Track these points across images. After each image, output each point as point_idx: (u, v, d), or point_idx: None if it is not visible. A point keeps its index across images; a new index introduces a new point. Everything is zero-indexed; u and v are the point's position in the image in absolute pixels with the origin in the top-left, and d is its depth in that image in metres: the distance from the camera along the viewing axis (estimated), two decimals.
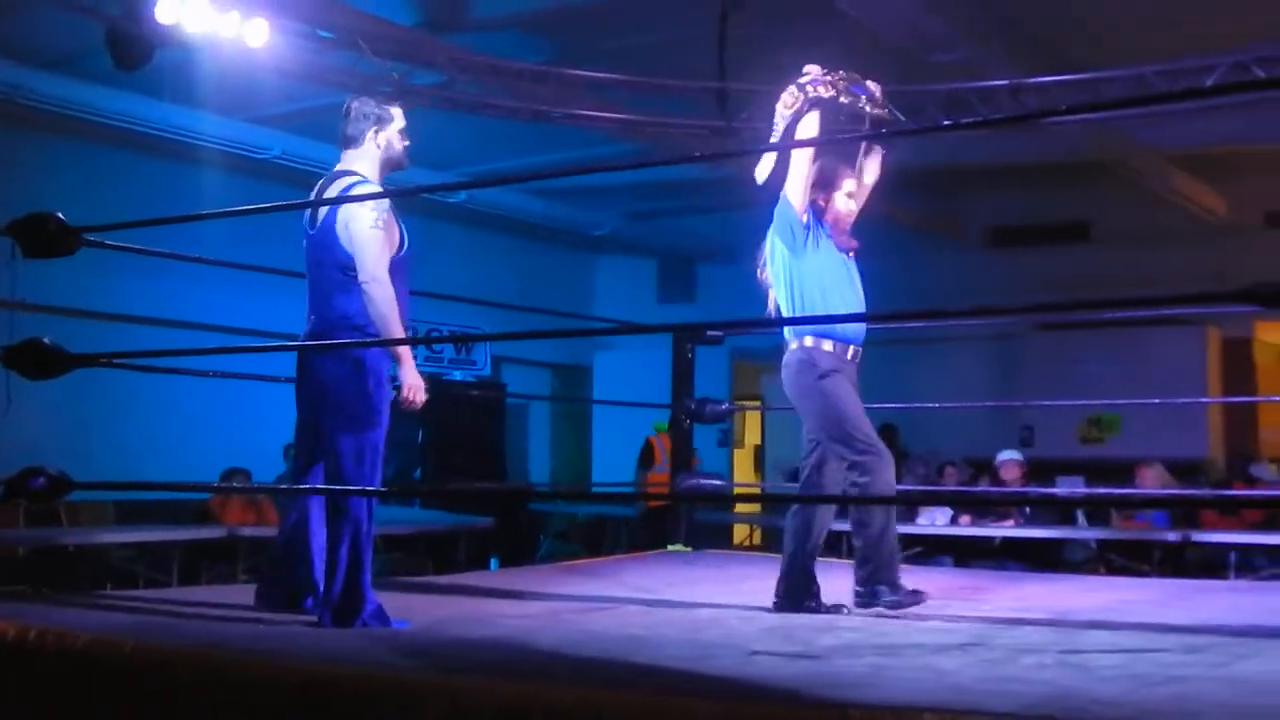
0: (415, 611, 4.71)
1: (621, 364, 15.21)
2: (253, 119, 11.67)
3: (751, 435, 17.72)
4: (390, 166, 4.67)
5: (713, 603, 5.19)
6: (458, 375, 14.96)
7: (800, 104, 5.23)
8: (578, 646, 3.93)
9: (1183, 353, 13.42)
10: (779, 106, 5.27)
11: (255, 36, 7.96)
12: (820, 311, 5.25)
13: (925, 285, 14.91)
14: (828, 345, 5.25)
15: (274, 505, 9.63)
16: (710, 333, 7.46)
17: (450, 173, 13.67)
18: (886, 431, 14.26)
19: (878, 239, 15.67)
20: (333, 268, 4.46)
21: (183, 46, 8.09)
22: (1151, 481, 9.62)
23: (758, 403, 16.54)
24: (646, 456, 13.31)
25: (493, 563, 11.49)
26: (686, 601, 5.22)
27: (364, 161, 4.59)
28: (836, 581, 5.23)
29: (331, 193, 4.51)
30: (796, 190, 5.33)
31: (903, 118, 5.11)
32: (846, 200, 5.48)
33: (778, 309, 5.45)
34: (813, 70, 5.29)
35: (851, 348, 5.35)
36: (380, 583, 6.56)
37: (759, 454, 17.55)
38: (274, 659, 3.59)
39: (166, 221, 4.26)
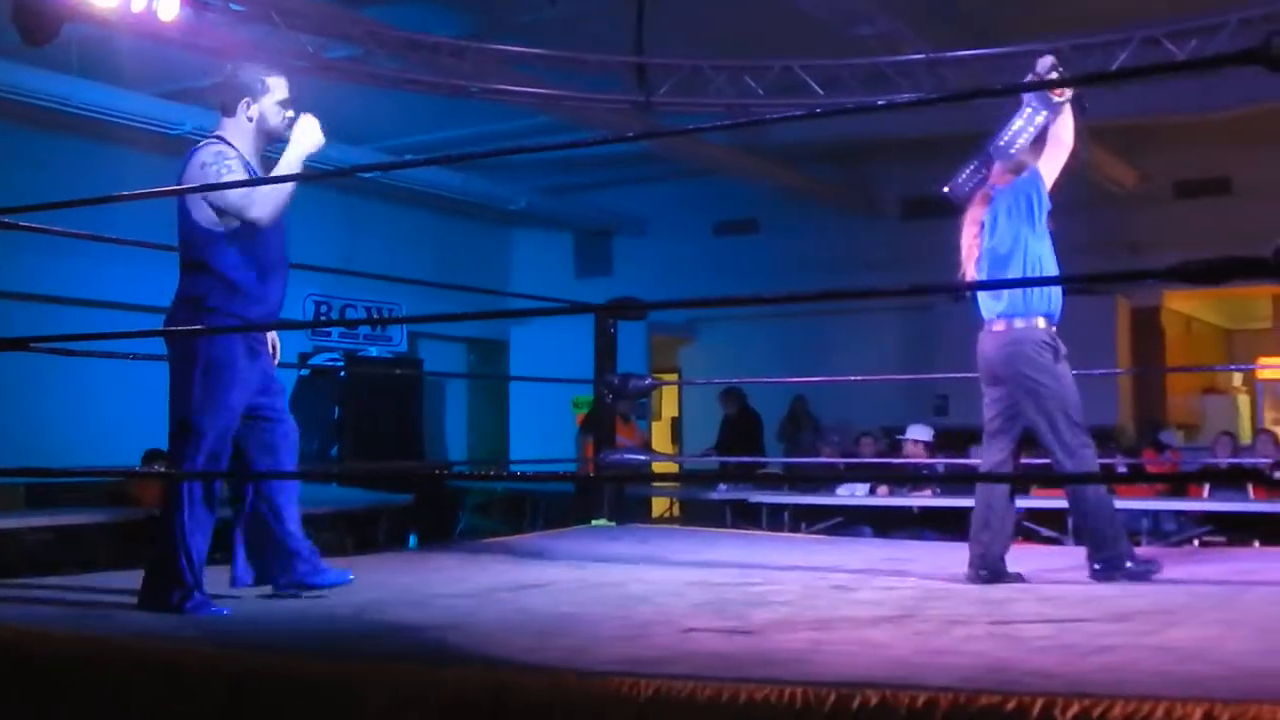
0: (345, 593, 4.68)
1: (539, 338, 15.17)
2: (164, 94, 11.47)
3: (669, 408, 17.78)
4: (266, 138, 4.58)
5: (643, 579, 5.20)
6: (373, 351, 14.87)
7: (1067, 95, 5.14)
8: (514, 627, 3.93)
9: (1093, 322, 13.64)
10: (1050, 95, 5.12)
11: (166, 10, 7.81)
12: (1051, 295, 5.16)
13: (841, 257, 15.03)
14: (1051, 328, 5.20)
15: None
16: (633, 308, 7.44)
17: (367, 147, 13.54)
18: (798, 402, 14.44)
19: (793, 212, 15.92)
20: (180, 248, 4.45)
21: (91, 20, 7.92)
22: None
23: (675, 375, 16.59)
24: (589, 424, 13.28)
25: (411, 539, 11.45)
26: (617, 578, 5.23)
27: (234, 131, 4.53)
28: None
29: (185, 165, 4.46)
30: (1054, 168, 5.25)
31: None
32: None
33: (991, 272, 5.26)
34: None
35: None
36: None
37: (676, 426, 17.62)
38: (208, 647, 3.56)
39: (79, 204, 4.16)
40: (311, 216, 13.51)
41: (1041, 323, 5.17)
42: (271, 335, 4.75)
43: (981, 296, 5.32)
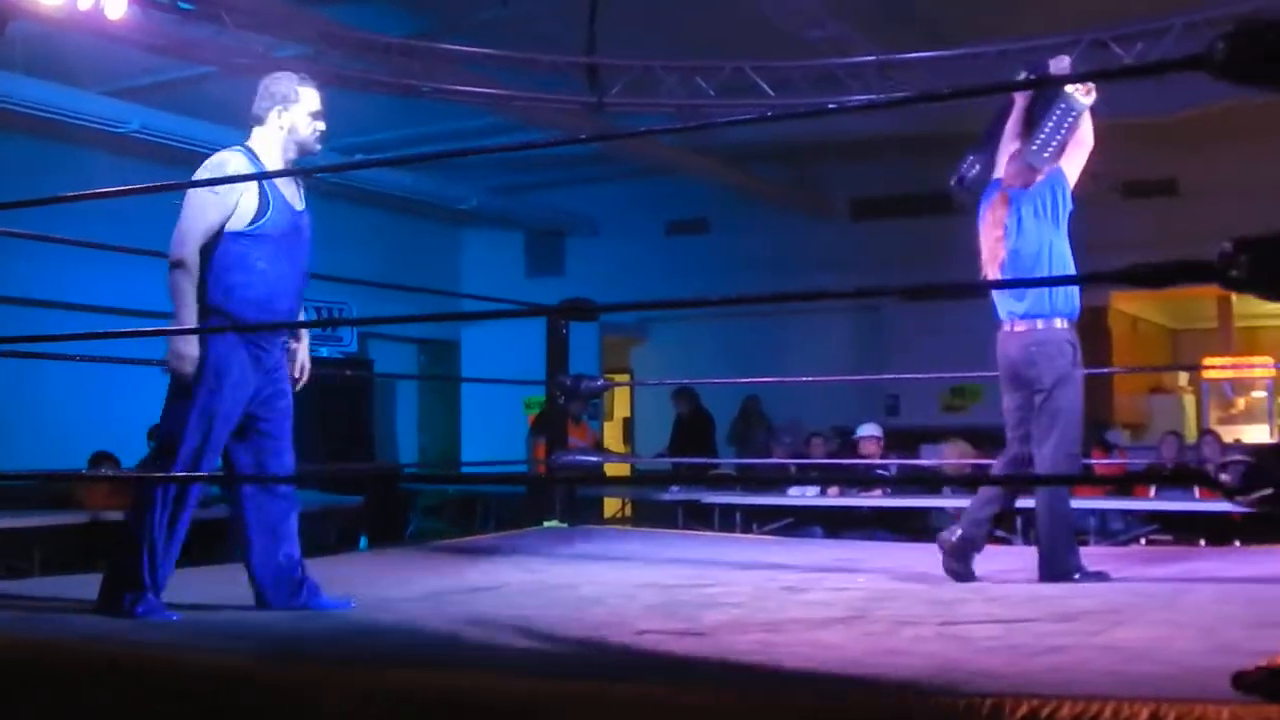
0: None
1: (491, 338, 15.13)
2: (110, 92, 11.36)
3: (621, 408, 17.79)
4: (298, 149, 4.52)
5: (595, 580, 5.20)
6: (324, 352, 14.75)
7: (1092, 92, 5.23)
8: (467, 630, 3.92)
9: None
10: (1078, 92, 5.20)
11: (113, 8, 7.73)
12: (1072, 294, 5.24)
13: (792, 256, 15.07)
14: (1072, 328, 5.28)
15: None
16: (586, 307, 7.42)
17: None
18: (750, 402, 14.48)
19: (744, 211, 15.93)
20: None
21: (38, 18, 7.84)
22: (951, 456, 10.01)
23: (626, 376, 16.60)
24: (541, 425, 13.26)
25: (362, 541, 11.38)
26: (569, 580, 5.23)
27: (264, 141, 4.48)
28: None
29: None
30: (1078, 169, 5.35)
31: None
32: None
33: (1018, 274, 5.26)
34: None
35: None
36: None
37: (628, 426, 17.63)
38: (159, 652, 3.53)
39: (18, 205, 4.11)
40: None
41: (1062, 323, 5.24)
42: (302, 356, 4.71)
43: (1001, 298, 5.36)
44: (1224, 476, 2.51)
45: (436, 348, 17.30)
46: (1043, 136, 5.27)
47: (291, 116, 4.48)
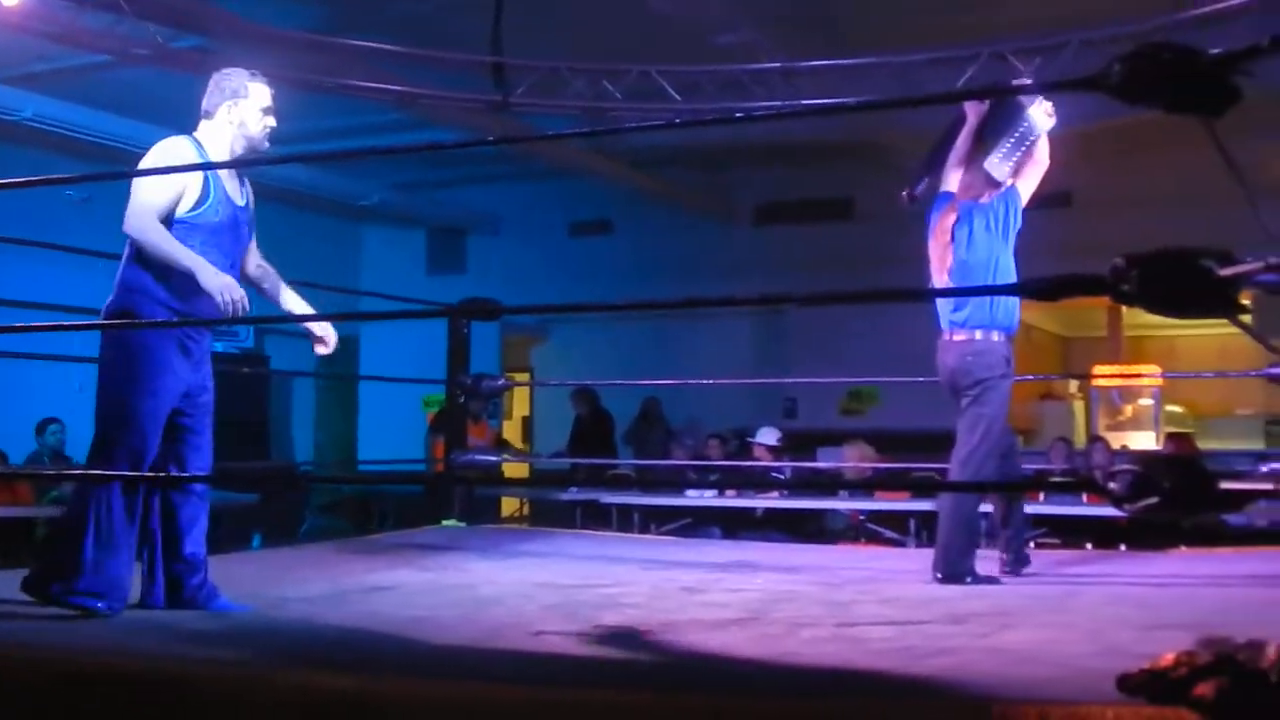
0: None
1: (390, 335, 15.02)
2: (2, 79, 11.12)
3: (520, 407, 17.76)
4: (246, 144, 4.52)
5: (493, 580, 5.20)
6: (219, 347, 14.55)
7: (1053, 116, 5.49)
8: (364, 630, 3.91)
9: (938, 328, 13.94)
10: (1040, 114, 5.45)
11: None
12: (1012, 309, 5.43)
13: (695, 260, 15.14)
14: (1008, 342, 5.44)
15: (30, 485, 9.26)
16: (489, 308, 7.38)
17: None
18: (650, 403, 14.53)
19: (648, 214, 15.96)
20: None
21: None
22: (851, 457, 10.13)
23: (527, 375, 16.58)
24: (439, 423, 13.18)
25: (255, 540, 11.25)
26: (467, 580, 5.23)
27: (212, 134, 4.48)
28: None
29: None
30: (1032, 186, 5.54)
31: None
32: None
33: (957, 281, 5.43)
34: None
35: None
36: None
37: (528, 425, 17.60)
38: (44, 650, 3.47)
39: None
40: None
41: (999, 336, 5.40)
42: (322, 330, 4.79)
43: (943, 307, 5.48)
44: (1112, 485, 2.58)
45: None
46: (1004, 149, 5.41)
47: (241, 112, 4.49)
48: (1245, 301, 2.64)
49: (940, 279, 5.48)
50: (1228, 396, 16.00)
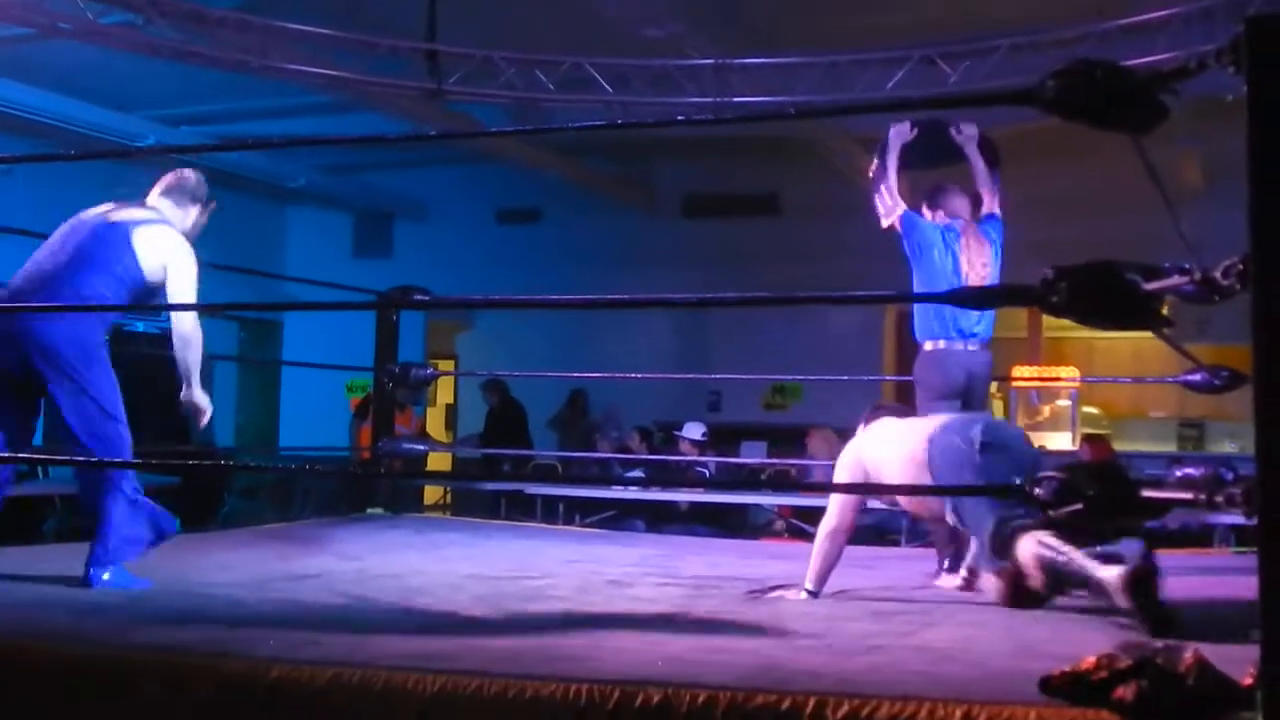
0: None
1: (314, 319, 14.92)
2: None
3: (444, 394, 17.69)
4: (188, 233, 5.14)
5: (420, 570, 5.22)
6: (140, 327, 14.38)
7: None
8: (290, 618, 3.91)
9: (860, 326, 14.11)
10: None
11: None
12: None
13: (622, 251, 15.18)
14: None
15: None
16: (418, 296, 7.38)
17: (140, 114, 13.13)
18: (578, 396, 14.55)
19: (576, 204, 15.96)
20: (107, 265, 4.81)
21: None
22: (818, 445, 10.13)
23: (451, 362, 16.52)
24: (363, 409, 13.12)
25: (174, 522, 11.12)
26: (395, 570, 5.23)
27: (178, 220, 5.14)
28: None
29: (139, 215, 5.02)
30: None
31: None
32: None
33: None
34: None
35: None
36: (63, 547, 6.36)
37: (451, 412, 17.55)
38: None
39: None
40: (74, 184, 13.03)
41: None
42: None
43: (966, 320, 5.76)
44: (1038, 491, 2.66)
45: (258, 327, 16.95)
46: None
47: (203, 215, 5.28)
48: (1166, 313, 2.74)
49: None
50: (1142, 399, 16.28)
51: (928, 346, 5.79)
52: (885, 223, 5.83)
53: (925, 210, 5.90)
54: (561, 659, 3.14)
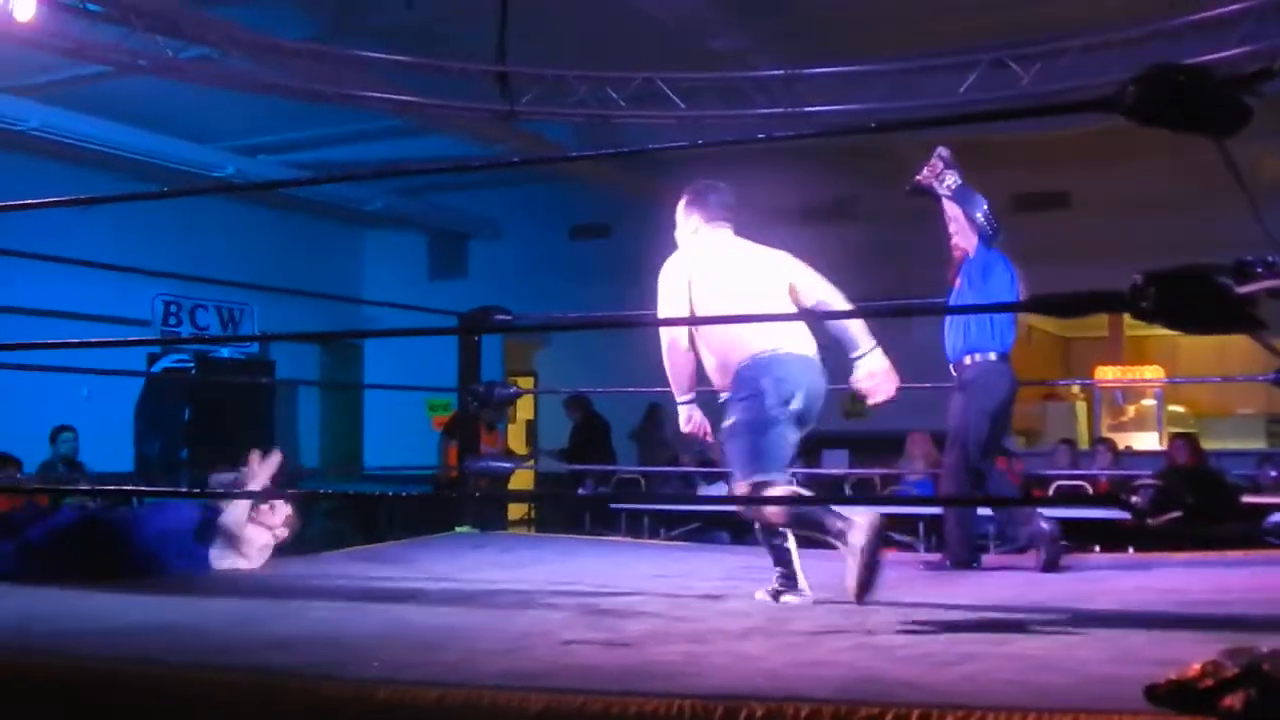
0: (214, 603, 4.68)
1: (394, 341, 15.08)
2: (5, 89, 11.18)
3: (524, 410, 17.79)
4: None
5: (514, 588, 5.27)
6: (225, 353, 14.62)
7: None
8: (389, 639, 3.97)
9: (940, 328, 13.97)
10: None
11: (22, 10, 7.65)
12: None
13: None
14: None
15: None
16: (499, 317, 7.45)
17: (217, 145, 13.37)
18: (655, 410, 14.55)
19: (646, 217, 15.93)
20: None
21: None
22: (918, 447, 10.03)
23: (530, 379, 16.62)
24: (452, 428, 13.22)
25: None
26: (488, 588, 5.29)
27: None
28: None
29: None
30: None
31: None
32: None
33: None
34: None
35: None
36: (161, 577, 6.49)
37: (531, 429, 17.64)
38: (81, 661, 3.53)
39: None
40: (156, 215, 13.30)
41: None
42: None
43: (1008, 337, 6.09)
44: (1135, 499, 2.65)
45: (339, 350, 17.18)
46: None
47: None
48: (1259, 315, 2.72)
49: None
50: (1229, 397, 16.07)
51: (992, 357, 6.05)
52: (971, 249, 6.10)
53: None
54: (661, 675, 3.17)
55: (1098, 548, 8.04)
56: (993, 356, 6.04)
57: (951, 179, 6.11)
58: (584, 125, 10.33)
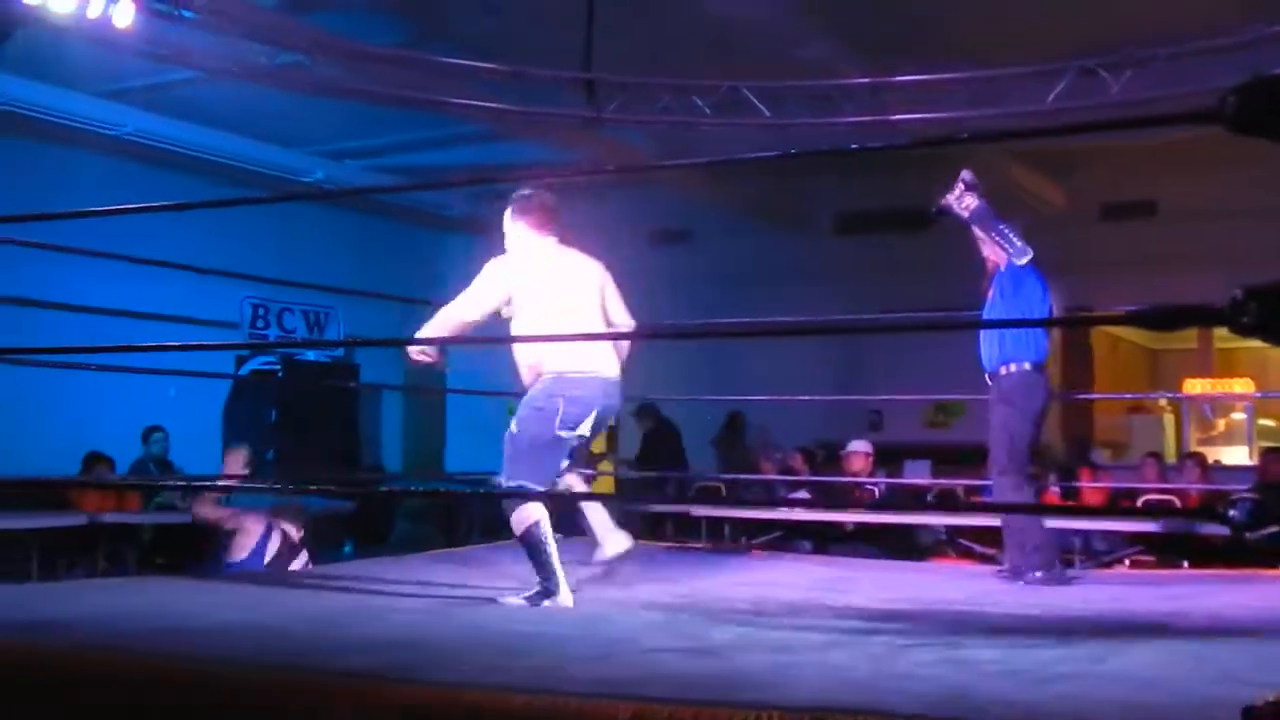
0: (298, 604, 4.74)
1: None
2: (102, 94, 11.41)
3: None
4: None
5: (596, 596, 5.28)
6: (310, 356, 14.78)
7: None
8: (474, 643, 3.99)
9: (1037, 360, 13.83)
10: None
11: (122, 16, 7.80)
12: None
13: (774, 270, 15.15)
14: None
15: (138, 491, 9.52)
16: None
17: (305, 150, 13.54)
18: (735, 417, 14.54)
19: (727, 224, 15.96)
20: None
21: (46, 25, 7.89)
22: None
23: None
24: None
25: (347, 545, 11.43)
26: (571, 593, 5.29)
27: None
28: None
29: None
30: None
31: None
32: None
33: None
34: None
35: None
36: (243, 573, 6.60)
37: (611, 434, 17.63)
38: (171, 660, 3.57)
39: (52, 217, 4.21)
40: (245, 220, 13.50)
41: None
42: None
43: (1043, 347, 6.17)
44: (1232, 513, 2.61)
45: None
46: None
47: None
48: None
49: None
50: None
51: (1027, 367, 6.10)
52: (1021, 260, 6.16)
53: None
54: (748, 685, 3.16)
55: (1186, 563, 7.92)
56: (1028, 366, 6.12)
57: (970, 200, 6.24)
58: (666, 132, 10.33)
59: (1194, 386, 14.23)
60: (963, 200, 6.23)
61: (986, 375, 6.28)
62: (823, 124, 9.86)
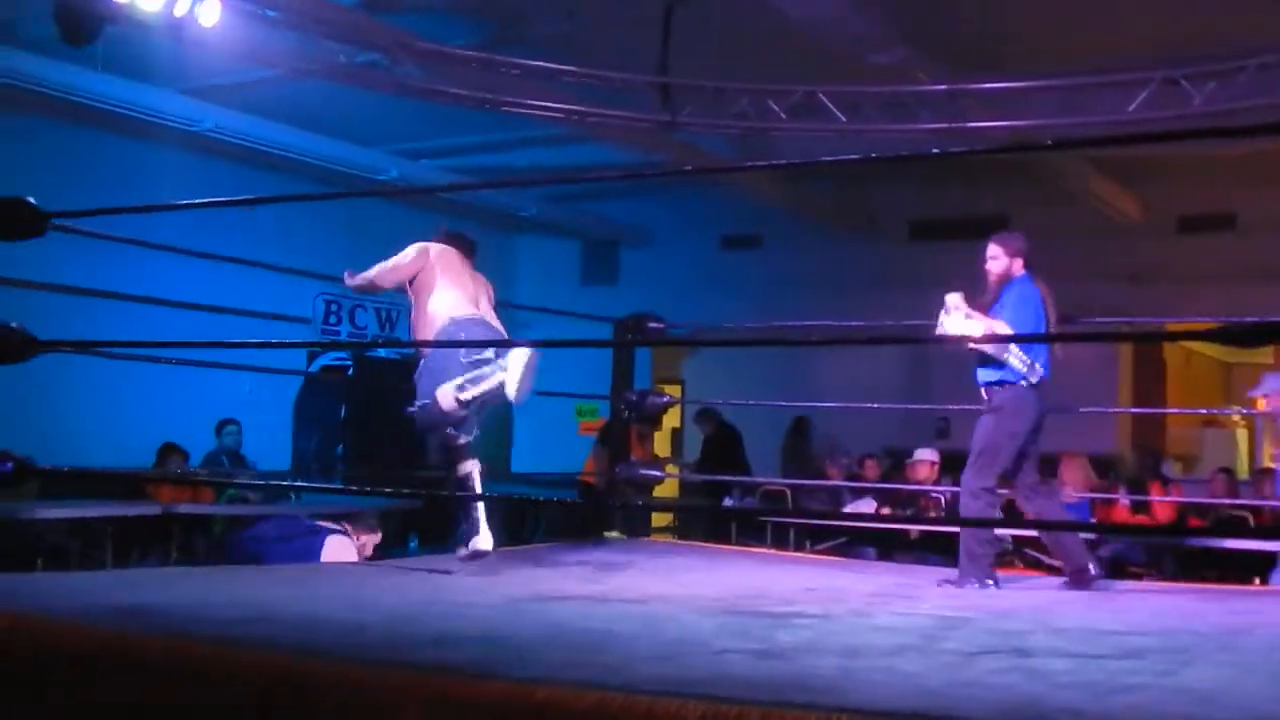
0: (372, 600, 4.80)
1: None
2: (183, 90, 11.58)
3: (670, 418, 17.83)
4: None
5: (664, 596, 5.31)
6: (382, 353, 14.91)
7: None
8: (548, 641, 4.03)
9: (1098, 352, 13.75)
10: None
11: (208, 15, 7.94)
12: None
13: (845, 276, 15.12)
14: None
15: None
16: (652, 324, 7.53)
17: (381, 149, 13.68)
18: (802, 423, 14.52)
19: (798, 229, 15.96)
20: None
21: (134, 23, 8.04)
22: (1074, 473, 9.81)
23: (678, 386, 16.67)
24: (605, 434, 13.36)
25: (412, 542, 11.53)
26: (638, 595, 5.34)
27: None
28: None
29: None
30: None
31: None
32: None
33: None
34: None
35: None
36: (317, 566, 6.70)
37: (677, 436, 17.69)
38: (247, 652, 3.63)
39: (132, 210, 4.30)
40: (319, 217, 13.66)
41: None
42: None
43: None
44: None
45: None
46: None
47: None
48: None
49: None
50: None
51: (1023, 384, 6.19)
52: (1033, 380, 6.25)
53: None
54: (817, 689, 3.18)
55: (1257, 580, 7.83)
56: (1023, 384, 6.18)
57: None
58: (740, 136, 10.35)
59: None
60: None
61: (981, 389, 6.44)
62: (899, 130, 9.83)
